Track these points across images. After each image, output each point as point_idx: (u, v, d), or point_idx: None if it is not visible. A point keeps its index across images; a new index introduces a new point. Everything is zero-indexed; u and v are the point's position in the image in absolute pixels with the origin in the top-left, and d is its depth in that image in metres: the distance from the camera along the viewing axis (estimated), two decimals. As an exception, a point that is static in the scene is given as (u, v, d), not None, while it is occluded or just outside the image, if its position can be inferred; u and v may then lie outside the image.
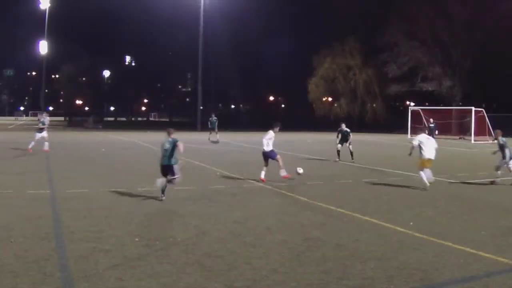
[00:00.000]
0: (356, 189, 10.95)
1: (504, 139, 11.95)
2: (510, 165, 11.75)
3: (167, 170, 9.09)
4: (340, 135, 17.55)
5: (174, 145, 9.11)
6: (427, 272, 5.11)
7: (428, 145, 10.86)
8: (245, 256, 5.58)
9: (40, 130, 18.74)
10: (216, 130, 27.74)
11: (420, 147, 10.86)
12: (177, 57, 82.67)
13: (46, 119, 19.89)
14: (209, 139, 27.72)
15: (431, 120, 30.94)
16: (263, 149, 11.79)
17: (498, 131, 12.27)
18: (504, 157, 11.80)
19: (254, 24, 65.45)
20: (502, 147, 11.91)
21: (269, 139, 11.74)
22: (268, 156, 11.74)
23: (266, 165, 11.78)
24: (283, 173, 11.64)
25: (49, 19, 59.11)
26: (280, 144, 17.25)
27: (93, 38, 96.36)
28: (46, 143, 18.34)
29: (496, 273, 5.14)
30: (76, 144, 25.12)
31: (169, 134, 9.48)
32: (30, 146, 18.17)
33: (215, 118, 28.39)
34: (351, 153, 17.10)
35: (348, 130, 17.46)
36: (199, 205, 8.70)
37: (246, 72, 73.25)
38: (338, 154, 17.30)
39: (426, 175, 10.72)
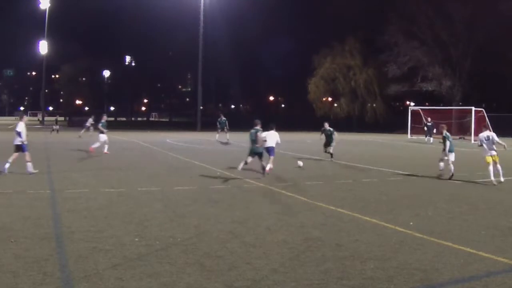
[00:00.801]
0: (356, 189, 10.95)
1: (448, 133, 13.02)
2: (450, 158, 12.74)
3: (258, 154, 12.30)
4: (323, 135, 17.37)
5: (256, 134, 12.26)
6: (427, 272, 5.11)
7: (487, 143, 11.97)
8: (245, 256, 5.58)
9: (102, 131, 19.43)
10: (226, 130, 27.55)
11: (482, 146, 12.09)
12: (177, 57, 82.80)
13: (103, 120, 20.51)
14: (217, 139, 27.59)
15: (429, 119, 31.09)
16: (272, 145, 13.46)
17: (443, 125, 13.58)
18: (444, 149, 12.90)
19: (254, 24, 65.58)
20: (444, 140, 12.97)
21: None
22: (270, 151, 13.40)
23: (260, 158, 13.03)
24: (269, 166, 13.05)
25: (49, 19, 59.27)
26: (280, 144, 17.29)
27: (93, 38, 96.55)
28: (97, 144, 19.06)
29: (496, 273, 5.13)
30: (76, 144, 25.10)
31: (255, 125, 12.55)
32: (105, 150, 18.80)
33: (224, 118, 28.20)
34: (331, 154, 16.96)
35: (332, 129, 17.15)
36: (199, 205, 8.70)
37: (246, 72, 73.38)
38: (328, 152, 17.24)
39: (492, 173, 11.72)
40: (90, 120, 32.46)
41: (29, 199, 8.83)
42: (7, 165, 12.13)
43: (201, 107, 56.07)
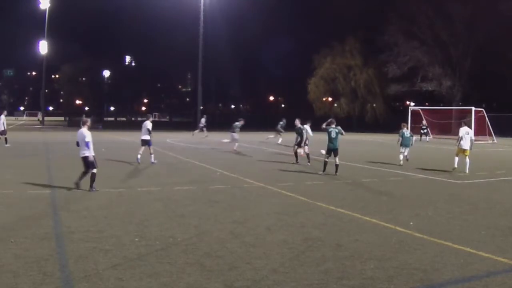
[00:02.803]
0: (356, 189, 10.95)
1: (408, 131, 15.58)
2: (402, 150, 15.55)
3: (334, 151, 13.26)
4: (297, 135, 16.11)
5: (339, 132, 13.24)
6: (427, 272, 5.11)
7: (466, 138, 14.10)
8: (245, 256, 5.58)
9: (234, 131, 20.99)
10: (281, 131, 26.72)
11: (460, 139, 14.12)
12: (177, 57, 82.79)
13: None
14: (279, 143, 27.28)
15: (424, 122, 32.96)
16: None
17: (404, 124, 16.60)
18: (401, 144, 15.56)
19: (254, 24, 65.66)
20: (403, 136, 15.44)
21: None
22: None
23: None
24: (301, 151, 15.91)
25: (49, 19, 59.21)
26: (279, 144, 17.33)
27: (93, 38, 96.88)
28: (232, 141, 21.10)
29: (496, 273, 5.13)
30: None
31: (330, 124, 13.40)
32: (235, 147, 20.63)
33: (285, 120, 27.19)
34: (295, 154, 16.06)
35: (302, 127, 16.10)
36: (199, 205, 8.70)
37: (246, 72, 73.44)
38: (296, 156, 16.19)
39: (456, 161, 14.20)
40: (203, 121, 33.14)
41: (29, 199, 8.83)
42: (139, 156, 15.02)
43: (201, 107, 56.05)
